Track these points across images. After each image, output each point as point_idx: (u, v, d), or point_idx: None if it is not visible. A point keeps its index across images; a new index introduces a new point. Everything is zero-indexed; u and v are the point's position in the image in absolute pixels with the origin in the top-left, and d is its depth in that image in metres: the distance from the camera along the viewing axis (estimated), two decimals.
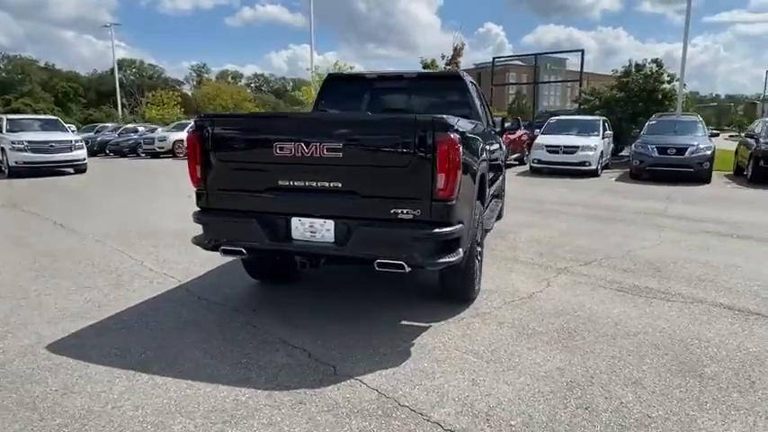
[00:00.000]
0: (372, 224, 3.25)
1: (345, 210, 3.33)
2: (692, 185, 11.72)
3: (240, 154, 3.55)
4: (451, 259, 3.26)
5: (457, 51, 22.91)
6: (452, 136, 3.10)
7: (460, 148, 3.16)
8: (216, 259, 5.41)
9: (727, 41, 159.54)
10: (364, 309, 4.03)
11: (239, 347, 3.33)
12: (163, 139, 23.01)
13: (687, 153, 12.12)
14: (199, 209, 3.69)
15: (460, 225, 3.32)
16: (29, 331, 3.59)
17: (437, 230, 3.17)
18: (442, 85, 5.21)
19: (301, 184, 3.36)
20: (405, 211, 3.21)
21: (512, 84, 64.28)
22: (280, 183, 3.41)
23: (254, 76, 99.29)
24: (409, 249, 3.20)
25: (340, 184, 3.29)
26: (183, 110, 37.92)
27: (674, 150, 12.24)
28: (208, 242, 3.64)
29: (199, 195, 3.67)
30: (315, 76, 24.67)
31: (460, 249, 3.36)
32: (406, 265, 3.21)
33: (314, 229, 3.41)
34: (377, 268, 3.28)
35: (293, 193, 3.40)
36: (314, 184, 3.34)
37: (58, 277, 4.84)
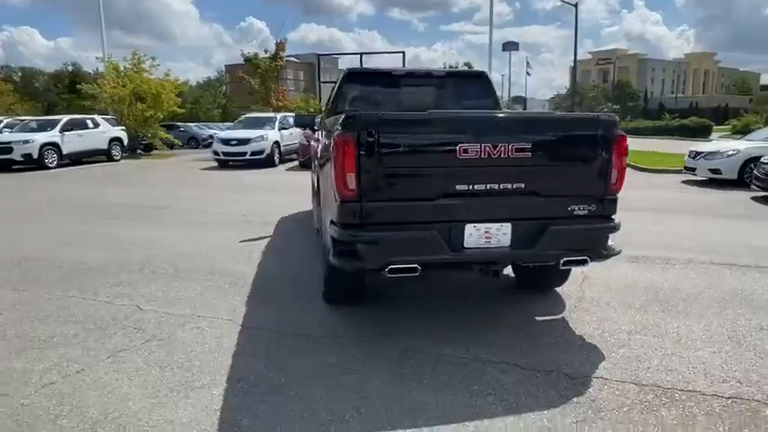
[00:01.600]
0: (560, 223, 3.26)
1: (526, 211, 3.26)
2: None
3: (415, 158, 3.14)
4: (619, 249, 3.48)
5: (280, 46, 22.33)
6: (623, 133, 3.32)
7: None
8: (224, 286, 4.54)
9: (460, 48, 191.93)
10: (484, 313, 3.97)
11: (451, 377, 2.99)
12: None
13: None
14: (351, 224, 3.11)
15: None
16: (159, 418, 2.54)
17: (615, 223, 3.37)
18: (469, 84, 5.28)
19: (482, 187, 3.16)
20: (581, 207, 3.31)
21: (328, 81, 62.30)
22: (458, 188, 3.14)
23: None
24: (596, 244, 3.33)
25: (523, 185, 3.20)
26: None
27: None
28: (375, 262, 3.10)
29: (349, 209, 3.09)
30: (110, 67, 21.19)
31: None
32: (589, 260, 3.33)
33: (489, 235, 3.23)
34: (561, 267, 3.33)
35: (471, 198, 3.17)
36: (496, 186, 3.17)
37: (48, 347, 3.41)
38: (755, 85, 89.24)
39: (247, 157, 16.24)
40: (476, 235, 3.22)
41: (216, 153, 16.79)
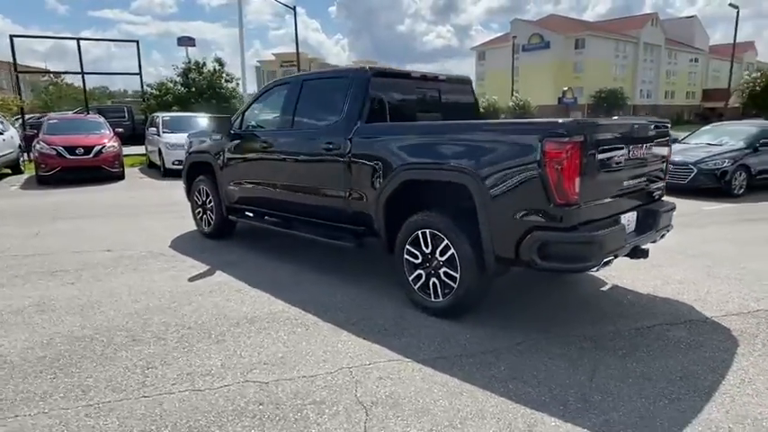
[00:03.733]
0: (656, 207, 4.10)
1: (640, 199, 4.00)
2: None
3: (613, 159, 3.49)
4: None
5: None
6: None
7: None
8: (298, 331, 3.96)
9: (116, 37, 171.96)
10: (554, 299, 4.48)
11: (639, 348, 3.46)
12: None
13: None
14: (570, 228, 3.23)
15: None
16: None
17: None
18: (461, 88, 5.47)
19: (632, 182, 3.75)
20: (659, 192, 4.26)
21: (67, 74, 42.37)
22: (625, 183, 3.63)
23: None
24: (672, 220, 4.29)
25: (645, 178, 3.92)
26: None
27: None
28: (599, 259, 3.30)
29: (572, 212, 3.21)
30: None
31: None
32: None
33: (628, 222, 3.83)
34: (658, 240, 4.15)
35: (625, 191, 3.73)
36: (636, 181, 3.80)
37: None
38: None
39: None
40: (624, 224, 3.76)
41: None
